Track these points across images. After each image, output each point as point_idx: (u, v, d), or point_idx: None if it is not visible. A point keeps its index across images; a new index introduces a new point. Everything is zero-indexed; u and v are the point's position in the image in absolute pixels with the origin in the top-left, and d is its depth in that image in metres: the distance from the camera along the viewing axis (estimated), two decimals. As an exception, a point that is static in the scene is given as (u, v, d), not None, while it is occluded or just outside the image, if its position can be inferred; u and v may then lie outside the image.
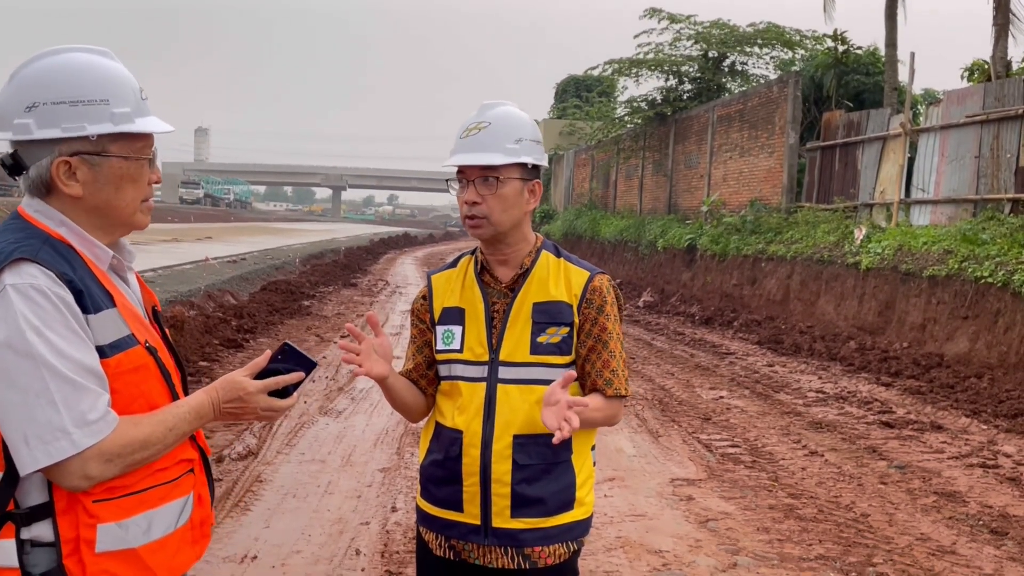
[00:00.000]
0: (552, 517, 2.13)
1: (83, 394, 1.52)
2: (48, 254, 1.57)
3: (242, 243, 30.06)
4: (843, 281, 12.35)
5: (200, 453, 1.81)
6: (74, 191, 1.63)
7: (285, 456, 6.00)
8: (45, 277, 1.53)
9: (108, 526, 1.58)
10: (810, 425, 7.39)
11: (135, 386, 1.63)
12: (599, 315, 2.16)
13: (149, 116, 1.69)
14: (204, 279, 15.63)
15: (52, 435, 1.49)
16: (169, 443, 1.65)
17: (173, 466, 1.70)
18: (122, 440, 1.56)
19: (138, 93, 1.68)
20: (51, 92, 1.59)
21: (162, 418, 1.64)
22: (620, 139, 24.57)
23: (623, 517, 5.03)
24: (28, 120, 1.58)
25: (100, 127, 1.60)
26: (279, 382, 1.76)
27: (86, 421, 1.52)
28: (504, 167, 2.11)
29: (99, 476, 1.55)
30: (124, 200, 1.68)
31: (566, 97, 39.47)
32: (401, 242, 42.67)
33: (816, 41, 20.33)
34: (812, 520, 5.04)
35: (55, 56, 1.63)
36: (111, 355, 1.58)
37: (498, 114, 2.15)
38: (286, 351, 1.79)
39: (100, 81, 1.62)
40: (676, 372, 9.82)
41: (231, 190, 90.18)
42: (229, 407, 1.73)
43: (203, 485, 1.81)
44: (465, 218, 2.18)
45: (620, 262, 22.29)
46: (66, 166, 1.61)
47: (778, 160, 16.25)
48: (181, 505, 1.71)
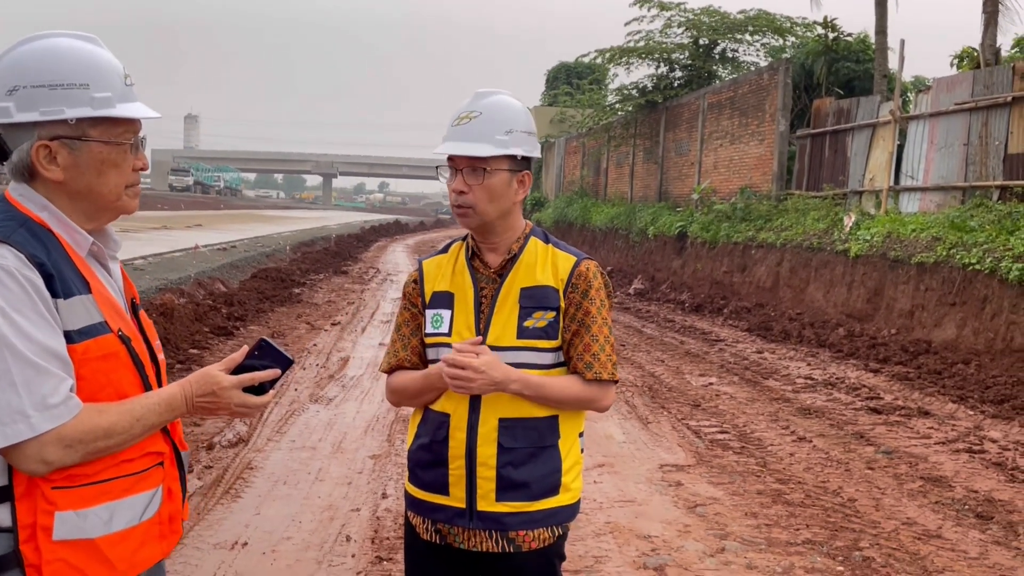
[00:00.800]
0: (537, 501, 2.14)
1: (45, 378, 1.50)
2: (22, 236, 1.56)
3: (232, 231, 29.94)
4: (832, 268, 12.40)
5: (172, 447, 1.78)
6: (54, 175, 1.62)
7: (276, 443, 6.01)
8: (15, 258, 1.52)
9: (66, 514, 1.56)
10: (798, 411, 7.44)
11: (104, 374, 1.60)
12: (583, 300, 2.17)
13: (133, 102, 1.68)
14: (194, 267, 15.58)
15: (10, 417, 1.48)
16: (136, 433, 1.62)
17: (140, 458, 1.67)
18: (84, 427, 1.54)
19: (122, 79, 1.66)
20: (31, 76, 1.58)
21: (130, 407, 1.61)
22: (611, 126, 24.55)
23: (612, 503, 5.06)
24: (9, 104, 1.58)
25: (79, 111, 1.60)
26: (254, 378, 1.74)
27: (46, 405, 1.50)
28: (492, 159, 2.11)
29: (58, 462, 1.52)
30: (107, 185, 1.66)
31: (557, 84, 39.38)
32: (392, 230, 42.62)
33: (806, 28, 20.33)
34: (800, 505, 5.08)
35: (38, 41, 1.63)
36: (79, 341, 1.56)
37: (490, 104, 2.14)
38: (263, 347, 1.77)
39: (81, 65, 1.61)
40: (666, 359, 9.86)
41: (221, 177, 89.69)
42: (202, 401, 1.71)
43: (174, 479, 1.77)
44: (453, 206, 2.19)
45: (611, 249, 22.31)
46: (46, 150, 1.60)
47: (768, 147, 16.26)
48: (148, 498, 1.68)
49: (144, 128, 1.73)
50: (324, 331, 10.95)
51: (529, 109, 10.98)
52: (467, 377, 2.01)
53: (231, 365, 1.75)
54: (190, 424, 6.13)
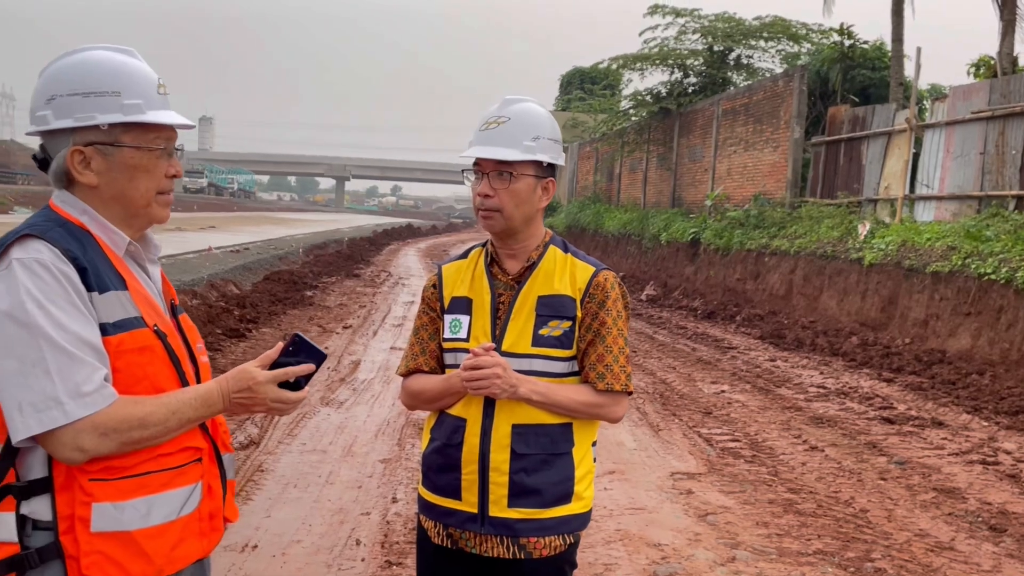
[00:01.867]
0: (549, 509, 2.14)
1: (79, 366, 1.54)
2: (58, 234, 1.62)
3: (245, 233, 30.08)
4: (846, 276, 12.34)
5: (212, 445, 1.80)
6: (89, 180, 1.69)
7: (287, 446, 6.02)
8: (50, 253, 1.58)
9: (103, 506, 1.59)
10: (811, 420, 7.39)
11: (139, 367, 1.64)
12: (599, 310, 2.18)
13: (165, 110, 1.73)
14: (207, 268, 15.65)
15: (45, 403, 1.52)
16: (171, 427, 1.65)
17: (177, 452, 1.69)
18: (119, 415, 1.57)
19: (155, 87, 1.73)
20: (67, 85, 1.67)
21: (165, 400, 1.65)
22: (624, 132, 24.52)
23: (623, 510, 5.04)
24: (47, 112, 1.67)
25: (110, 117, 1.66)
26: (289, 373, 1.75)
27: (80, 392, 1.54)
28: (519, 163, 2.14)
29: (93, 449, 1.56)
30: (138, 190, 1.72)
31: (571, 89, 39.38)
32: (404, 233, 42.68)
33: (822, 35, 20.26)
34: (811, 515, 5.05)
35: (77, 54, 1.71)
36: (114, 333, 1.61)
37: (518, 110, 2.17)
38: (297, 343, 1.79)
39: (113, 74, 1.68)
40: (678, 366, 9.83)
41: (235, 179, 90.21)
42: (239, 397, 1.73)
43: (214, 477, 1.80)
44: (478, 210, 2.20)
45: (623, 255, 22.28)
46: (80, 155, 1.67)
47: (783, 155, 16.21)
48: (186, 494, 1.71)
49: (178, 137, 1.78)
50: (336, 334, 10.97)
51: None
52: (486, 376, 2.01)
53: (267, 362, 1.78)
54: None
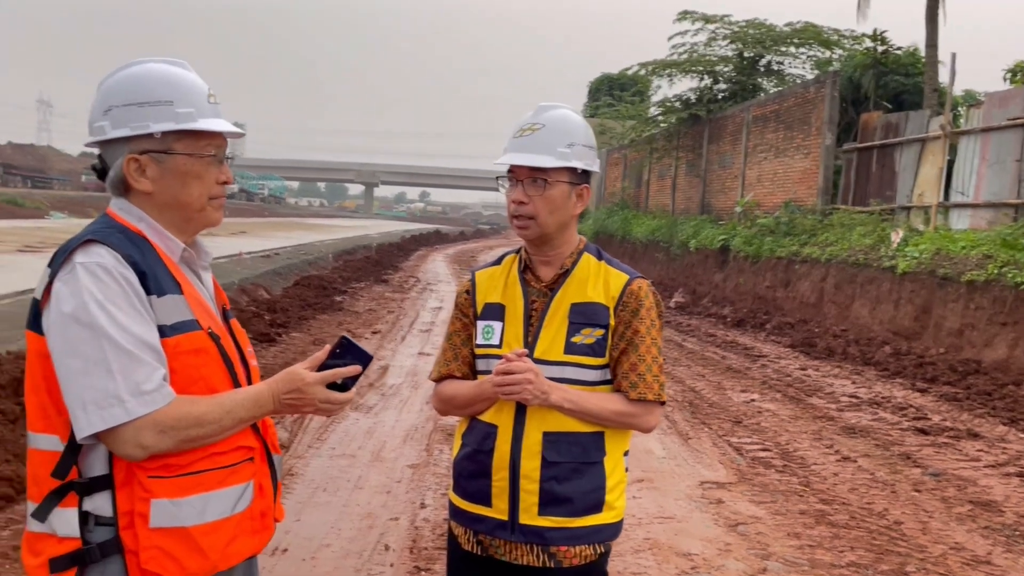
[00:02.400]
0: (580, 518, 2.12)
1: (139, 365, 1.61)
2: (119, 239, 1.70)
3: (276, 238, 30.34)
4: (879, 285, 12.19)
5: (263, 444, 1.85)
6: (144, 187, 1.75)
7: (316, 450, 6.05)
8: (112, 257, 1.65)
9: (161, 502, 1.65)
10: (843, 430, 7.30)
11: (194, 368, 1.70)
12: (633, 318, 2.16)
13: (216, 118, 1.80)
14: (238, 273, 15.80)
15: (107, 401, 1.59)
16: (226, 425, 1.70)
17: (231, 451, 1.75)
18: (177, 414, 1.63)
19: (205, 97, 1.79)
20: (123, 96, 1.74)
21: (220, 400, 1.71)
22: (653, 139, 24.44)
23: (652, 519, 5.01)
24: (104, 122, 1.75)
25: (163, 125, 1.73)
26: (337, 374, 1.79)
27: (141, 391, 1.60)
28: (553, 170, 2.13)
29: (153, 446, 1.62)
30: (191, 196, 1.78)
31: (599, 96, 39.32)
32: (432, 239, 42.82)
33: (855, 41, 20.06)
34: (844, 526, 4.98)
35: (133, 67, 1.79)
36: (171, 335, 1.67)
37: (553, 117, 2.17)
38: (344, 345, 1.82)
39: (166, 85, 1.75)
40: (707, 374, 9.76)
41: (265, 185, 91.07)
42: (288, 398, 1.77)
43: (264, 476, 1.84)
44: (512, 217, 2.20)
45: (651, 262, 22.18)
46: (135, 163, 1.74)
47: (814, 161, 16.06)
48: (239, 492, 1.76)
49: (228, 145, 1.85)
50: (364, 339, 11.02)
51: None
52: (518, 381, 2.01)
53: (315, 363, 1.81)
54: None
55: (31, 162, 68.82)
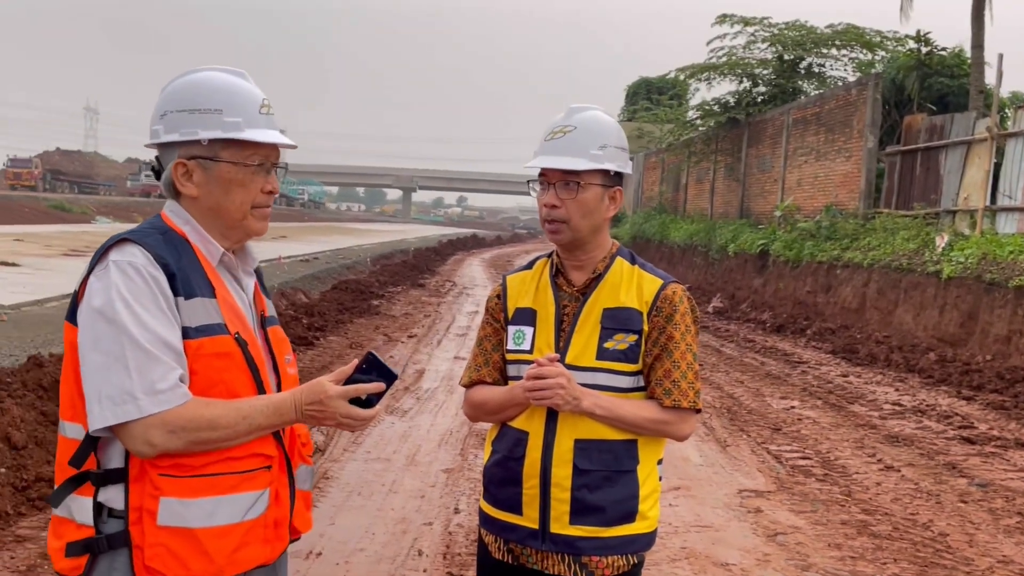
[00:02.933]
0: (612, 527, 2.08)
1: (155, 364, 1.63)
2: (156, 240, 1.73)
3: (315, 243, 30.64)
4: (923, 290, 11.94)
5: (283, 454, 1.83)
6: (190, 191, 1.79)
7: (351, 454, 6.07)
8: (143, 257, 1.68)
9: (170, 501, 1.65)
10: (886, 439, 7.14)
11: (216, 371, 1.71)
12: (667, 324, 2.11)
13: (265, 129, 1.81)
14: (278, 277, 15.97)
15: (121, 397, 1.61)
16: (241, 431, 1.70)
17: (246, 457, 1.74)
18: (188, 415, 1.64)
19: (257, 107, 1.81)
20: (177, 102, 1.79)
21: (237, 405, 1.70)
22: (691, 142, 24.25)
23: (688, 527, 4.93)
24: (159, 126, 1.80)
25: (210, 133, 1.76)
26: (359, 390, 1.77)
27: (154, 390, 1.62)
28: (586, 172, 2.09)
29: (161, 445, 1.63)
30: (233, 203, 1.80)
31: (636, 100, 39.15)
32: (469, 243, 42.92)
33: (898, 43, 19.72)
34: (887, 538, 4.86)
35: (192, 74, 1.84)
36: (195, 337, 1.69)
37: (585, 118, 2.13)
38: (370, 361, 1.80)
39: (219, 93, 1.79)
40: (746, 380, 9.62)
41: (305, 190, 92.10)
42: (310, 409, 1.76)
43: (282, 485, 1.83)
44: (544, 221, 2.16)
45: (689, 267, 21.99)
46: (183, 168, 1.78)
47: (856, 164, 15.81)
48: (253, 499, 1.74)
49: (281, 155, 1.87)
50: (401, 343, 11.06)
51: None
52: (549, 386, 1.98)
53: (341, 377, 1.80)
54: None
55: (78, 168, 70.40)
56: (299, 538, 1.95)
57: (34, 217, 34.23)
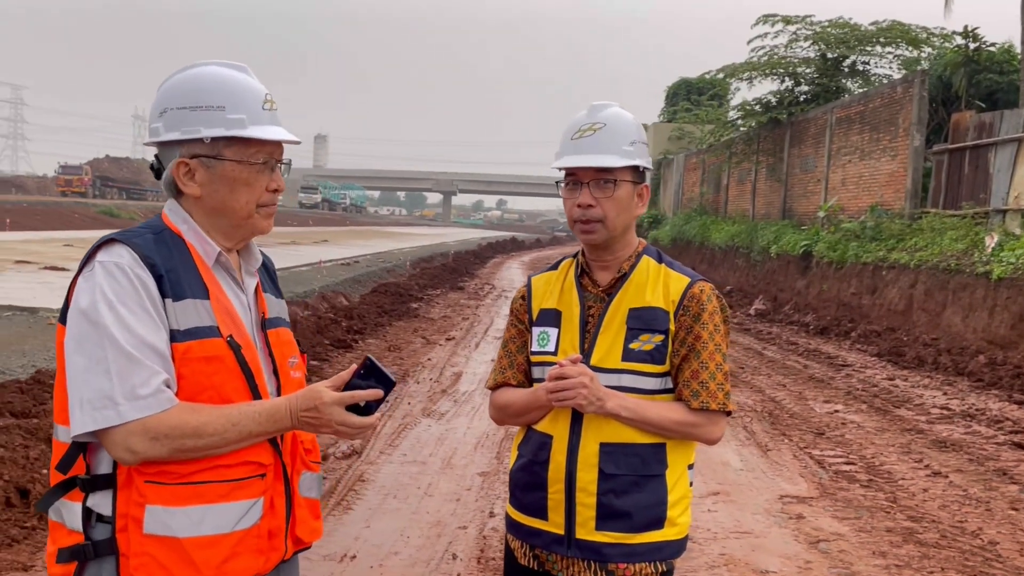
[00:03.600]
0: (639, 534, 2.02)
1: (137, 368, 1.57)
2: (145, 240, 1.68)
3: (356, 246, 30.89)
4: (972, 291, 11.63)
5: (279, 460, 1.76)
6: (192, 191, 1.74)
7: (388, 456, 6.07)
8: (130, 257, 1.63)
9: (155, 509, 1.60)
10: (933, 444, 6.96)
11: (205, 376, 1.64)
12: (695, 323, 2.05)
13: (269, 125, 1.75)
14: (319, 281, 16.12)
15: (101, 402, 1.56)
16: (231, 438, 1.63)
17: (238, 465, 1.67)
18: (172, 422, 1.58)
19: (260, 103, 1.75)
20: (178, 99, 1.73)
21: (227, 411, 1.63)
22: (732, 143, 23.96)
23: (727, 533, 4.84)
24: (159, 124, 1.74)
25: (213, 131, 1.70)
26: (356, 397, 1.70)
27: (135, 395, 1.56)
28: (619, 169, 2.05)
29: (144, 452, 1.57)
30: (238, 202, 1.75)
31: (676, 100, 38.84)
32: (508, 246, 42.94)
33: (944, 39, 19.28)
34: (934, 546, 4.72)
35: (191, 69, 1.77)
36: (182, 340, 1.63)
37: (611, 115, 2.09)
38: (368, 367, 1.73)
39: (220, 90, 1.72)
40: (788, 383, 9.45)
41: (347, 195, 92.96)
42: (306, 416, 1.69)
43: (278, 494, 1.76)
44: (576, 222, 2.10)
45: (731, 268, 21.73)
46: (185, 167, 1.73)
47: (901, 163, 15.48)
48: (244, 508, 1.67)
49: (288, 152, 1.81)
50: (439, 346, 11.07)
51: (647, 126, 11.00)
52: (572, 385, 1.93)
53: (339, 383, 1.74)
54: (307, 434, 6.26)
55: (127, 175, 71.86)
56: (307, 547, 1.88)
57: (83, 223, 35.00)
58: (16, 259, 16.85)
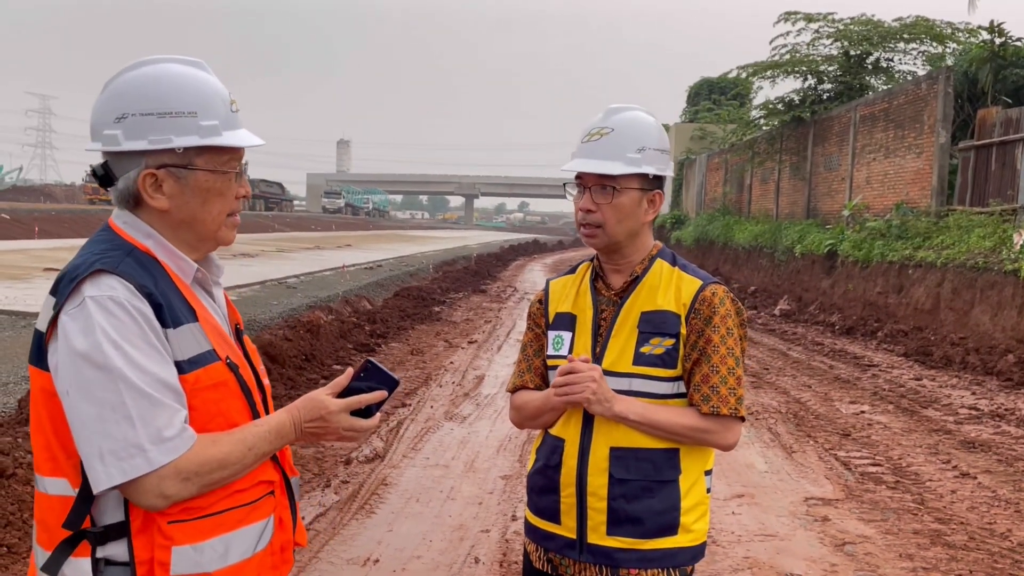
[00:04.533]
0: (651, 540, 2.01)
1: (160, 410, 1.47)
2: (130, 266, 1.54)
3: (379, 250, 31.01)
4: (1000, 289, 11.47)
5: (282, 475, 1.75)
6: (160, 204, 1.60)
7: (410, 460, 6.09)
8: (124, 289, 1.50)
9: (183, 548, 1.52)
10: (962, 444, 6.86)
11: (214, 404, 1.57)
12: (706, 327, 2.03)
13: (238, 129, 1.65)
14: (342, 285, 16.21)
15: (127, 451, 1.45)
16: (248, 463, 1.59)
17: (252, 487, 1.63)
18: (199, 458, 1.51)
19: (228, 105, 1.63)
20: (140, 103, 1.56)
21: (241, 437, 1.58)
22: (755, 142, 23.81)
23: (752, 536, 4.80)
24: (117, 131, 1.56)
25: (186, 140, 1.57)
26: (361, 401, 1.68)
27: (162, 438, 1.47)
28: (622, 177, 2.03)
29: (176, 495, 1.49)
30: (210, 214, 1.64)
31: (698, 100, 38.67)
32: (531, 248, 42.93)
33: (970, 34, 19.03)
34: (962, 548, 4.66)
35: (147, 67, 1.60)
36: (189, 371, 1.54)
37: (623, 120, 2.06)
38: (369, 369, 1.72)
39: (189, 93, 1.58)
40: (813, 384, 9.37)
41: (370, 199, 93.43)
42: (311, 427, 1.66)
43: (284, 508, 1.74)
44: (579, 225, 2.11)
45: (755, 269, 21.58)
46: (152, 178, 1.58)
47: (927, 161, 15.30)
48: (260, 529, 1.65)
49: (246, 155, 1.70)
50: (461, 349, 11.08)
51: (668, 127, 10.94)
52: (579, 380, 1.92)
53: (337, 389, 1.70)
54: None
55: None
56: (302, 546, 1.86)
57: (111, 230, 35.34)
58: (45, 267, 17.08)
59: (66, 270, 1.56)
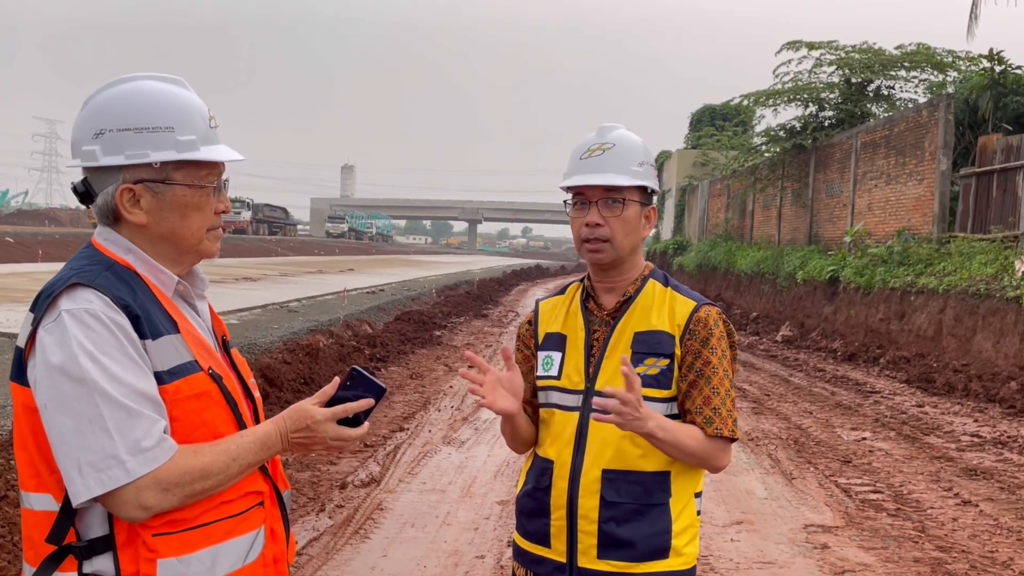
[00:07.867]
0: (642, 563, 1.98)
1: (137, 420, 1.47)
2: (107, 280, 1.55)
3: (382, 274, 31.04)
4: (1003, 316, 11.43)
5: (272, 486, 1.73)
6: (138, 219, 1.61)
7: (407, 484, 6.04)
8: (100, 302, 1.50)
9: (169, 561, 1.51)
10: (964, 472, 6.80)
11: (196, 414, 1.57)
12: (703, 348, 2.02)
13: (217, 144, 1.65)
14: (344, 309, 16.19)
15: (105, 463, 1.45)
16: (232, 474, 1.57)
17: (239, 498, 1.62)
18: (180, 469, 1.50)
19: (207, 121, 1.64)
20: (117, 119, 1.58)
21: (225, 447, 1.57)
22: (757, 168, 23.88)
23: (750, 564, 4.75)
24: (95, 147, 1.58)
25: (163, 154, 1.58)
26: (348, 410, 1.67)
27: (140, 448, 1.46)
28: (628, 189, 2.06)
29: (156, 506, 1.48)
30: (189, 228, 1.64)
31: (700, 127, 38.85)
32: (533, 273, 42.96)
33: (970, 62, 19.14)
34: (964, 577, 4.60)
35: (125, 84, 1.62)
36: (169, 381, 1.54)
37: (620, 136, 2.10)
38: (355, 377, 1.71)
39: (166, 108, 1.60)
40: (815, 411, 9.31)
41: (373, 224, 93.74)
42: (297, 437, 1.65)
43: (276, 519, 1.72)
44: (583, 241, 2.09)
45: (757, 295, 21.55)
46: (130, 193, 1.59)
47: (928, 187, 15.32)
48: (250, 540, 1.63)
49: (226, 170, 1.70)
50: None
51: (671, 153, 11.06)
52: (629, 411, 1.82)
53: (324, 398, 1.70)
54: (326, 463, 6.26)
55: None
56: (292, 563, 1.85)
57: (114, 253, 35.43)
58: (47, 289, 17.10)
59: (44, 286, 1.57)
